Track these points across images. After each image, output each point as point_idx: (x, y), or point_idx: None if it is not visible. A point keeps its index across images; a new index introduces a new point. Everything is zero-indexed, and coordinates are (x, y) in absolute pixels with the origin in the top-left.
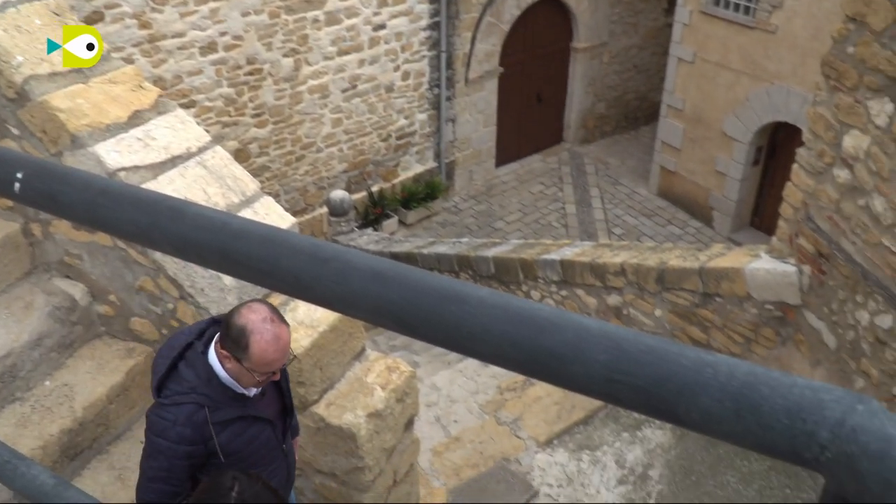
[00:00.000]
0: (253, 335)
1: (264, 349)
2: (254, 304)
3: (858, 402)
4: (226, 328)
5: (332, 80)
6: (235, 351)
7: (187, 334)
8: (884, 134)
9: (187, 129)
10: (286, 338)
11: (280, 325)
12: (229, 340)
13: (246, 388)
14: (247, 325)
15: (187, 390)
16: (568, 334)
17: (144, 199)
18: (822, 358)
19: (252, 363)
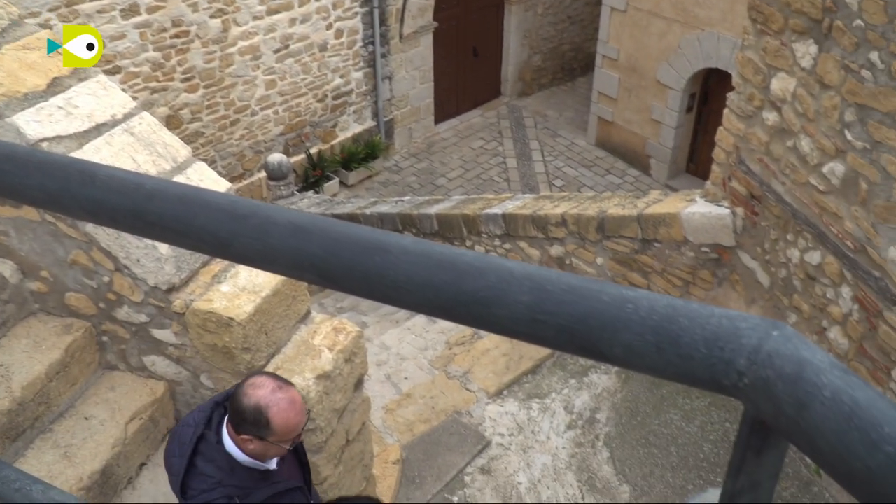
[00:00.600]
0: (270, 409)
1: (286, 418)
2: (255, 380)
3: (773, 329)
4: (238, 414)
5: (262, 40)
6: (257, 431)
7: (194, 425)
8: (809, 75)
9: (111, 96)
10: (299, 398)
11: (288, 388)
12: (247, 424)
13: (268, 462)
14: (259, 402)
15: (213, 486)
16: (490, 278)
17: (52, 163)
18: (757, 296)
19: (278, 436)
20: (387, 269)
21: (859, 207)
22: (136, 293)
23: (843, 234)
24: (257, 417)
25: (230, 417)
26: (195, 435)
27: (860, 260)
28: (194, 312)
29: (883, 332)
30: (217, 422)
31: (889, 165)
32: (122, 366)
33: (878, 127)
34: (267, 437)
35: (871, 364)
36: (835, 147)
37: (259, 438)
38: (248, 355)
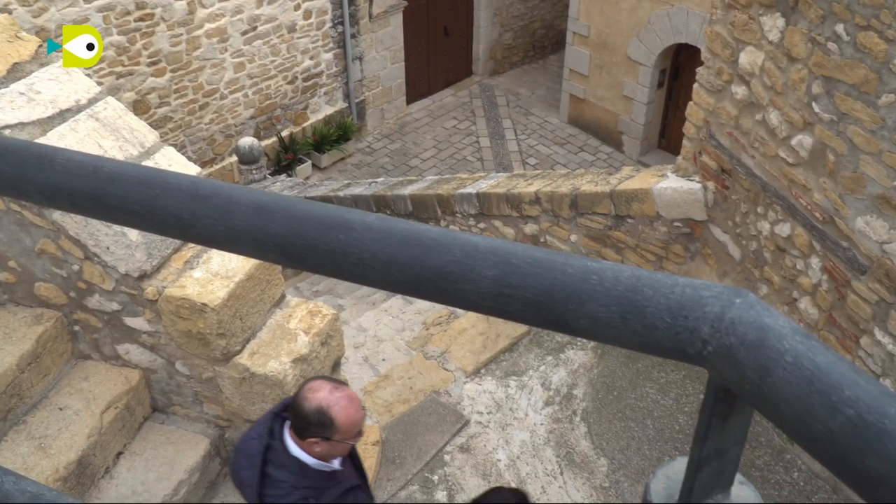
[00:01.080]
0: (332, 409)
1: (349, 415)
2: (312, 385)
3: (736, 296)
4: (302, 419)
5: (230, 22)
6: (323, 432)
7: (258, 437)
8: (776, 49)
9: (74, 81)
10: (355, 395)
11: (344, 387)
12: (312, 427)
13: (332, 463)
14: (321, 404)
15: (288, 490)
16: (455, 252)
17: (7, 147)
18: (729, 269)
19: (343, 433)
20: (351, 246)
21: (827, 179)
22: (107, 281)
23: (812, 206)
24: (321, 419)
25: (293, 425)
26: (261, 446)
27: (829, 231)
28: (167, 299)
29: (851, 302)
30: (278, 431)
31: (855, 137)
32: (96, 355)
33: (845, 99)
34: (332, 437)
35: (840, 333)
36: (803, 120)
37: (325, 439)
38: (223, 341)
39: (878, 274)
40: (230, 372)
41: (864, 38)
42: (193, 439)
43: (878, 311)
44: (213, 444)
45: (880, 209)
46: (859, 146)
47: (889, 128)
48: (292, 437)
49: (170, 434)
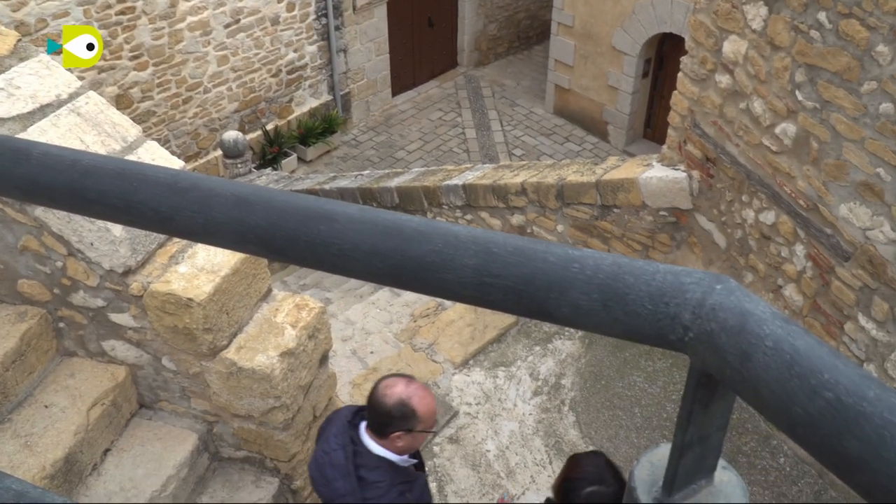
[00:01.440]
0: (412, 399)
1: (427, 403)
2: (387, 381)
3: (717, 282)
4: (384, 416)
5: (212, 15)
6: (406, 424)
7: (341, 448)
8: (760, 37)
9: (55, 75)
10: (427, 386)
11: (415, 380)
12: (395, 421)
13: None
14: (401, 396)
15: (387, 489)
16: (437, 242)
17: None
18: (715, 257)
19: (424, 422)
20: (332, 237)
21: (811, 167)
22: (92, 277)
23: (796, 194)
24: (403, 410)
25: (373, 426)
26: (348, 453)
27: (812, 218)
28: (152, 295)
29: (835, 288)
30: (357, 437)
31: (838, 124)
32: (81, 352)
33: (828, 86)
34: (415, 427)
35: (824, 319)
36: (786, 108)
37: (408, 431)
38: (209, 336)
39: (862, 260)
40: (217, 367)
41: (846, 26)
42: (181, 435)
43: (861, 297)
44: (201, 439)
45: (863, 196)
46: (842, 134)
47: (871, 115)
48: (373, 439)
49: (157, 430)
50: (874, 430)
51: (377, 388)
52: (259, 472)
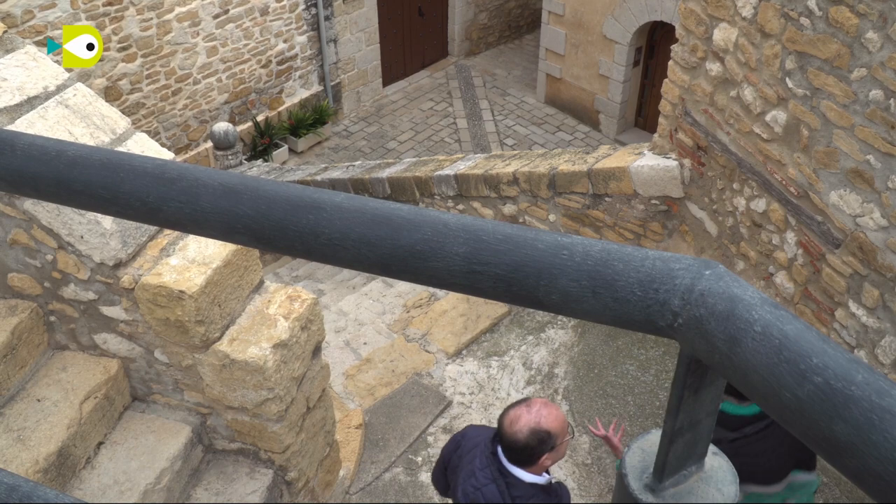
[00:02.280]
0: (541, 423)
1: (555, 417)
2: (509, 417)
3: (706, 268)
4: (525, 450)
5: (201, 5)
6: (547, 447)
7: (492, 482)
8: (750, 25)
9: (42, 67)
10: (546, 400)
11: (531, 400)
12: (537, 449)
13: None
14: (530, 426)
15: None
16: (426, 230)
17: None
18: (706, 245)
19: (560, 435)
20: (321, 226)
21: (801, 154)
22: (82, 270)
23: (787, 181)
24: (539, 437)
25: (518, 461)
26: (502, 486)
27: (803, 205)
28: (144, 287)
29: (826, 275)
30: (504, 468)
31: (828, 112)
32: (73, 345)
33: (818, 74)
34: (556, 444)
35: (815, 306)
36: (777, 95)
37: (551, 450)
38: (201, 328)
39: (852, 247)
40: (210, 359)
41: (836, 13)
42: (175, 427)
43: (852, 283)
44: (194, 431)
45: (853, 183)
46: (832, 121)
47: (861, 102)
48: (524, 469)
49: (150, 423)
50: (862, 413)
51: (504, 427)
52: (253, 463)
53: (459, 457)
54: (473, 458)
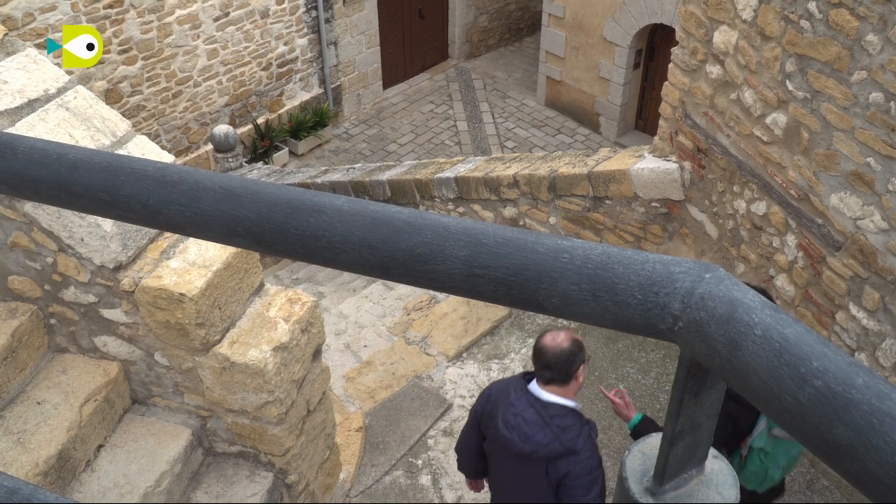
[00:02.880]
0: (573, 336)
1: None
2: (549, 337)
3: (706, 271)
4: (568, 359)
5: (201, 8)
6: (583, 356)
7: (530, 406)
8: (750, 27)
9: (43, 70)
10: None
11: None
12: (577, 357)
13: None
14: (569, 337)
15: (579, 429)
16: (426, 234)
17: None
18: (706, 248)
19: (585, 351)
20: (321, 229)
21: (801, 157)
22: (83, 273)
23: (787, 184)
24: (578, 344)
25: (557, 377)
26: (538, 409)
27: (803, 208)
28: (144, 290)
29: (826, 278)
30: (536, 398)
31: (828, 114)
32: (73, 348)
33: (818, 76)
34: (585, 356)
35: (816, 309)
36: (777, 98)
37: (582, 362)
38: (202, 331)
39: (852, 250)
40: (210, 362)
41: (836, 16)
42: (175, 430)
43: (852, 286)
44: (194, 434)
45: (854, 185)
46: (832, 123)
47: (861, 104)
48: (552, 392)
49: (150, 425)
50: (863, 417)
51: (547, 345)
52: (253, 466)
53: (494, 402)
54: (508, 395)
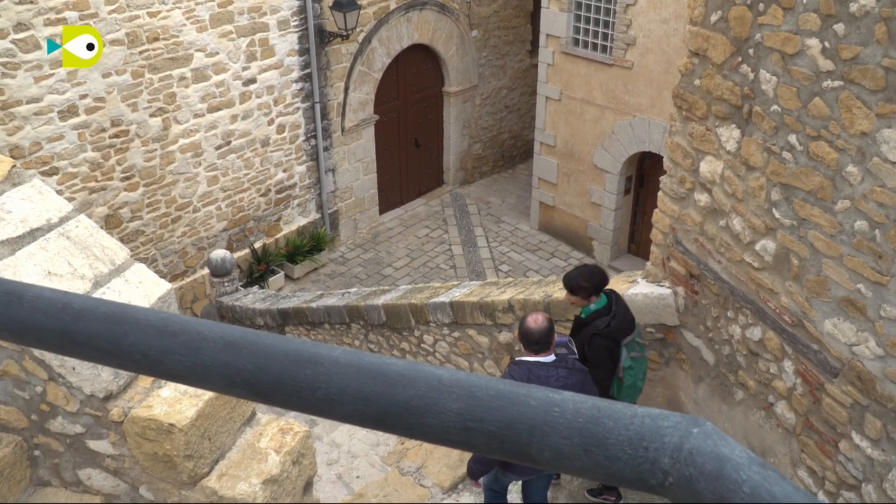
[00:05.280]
0: (548, 315)
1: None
2: (532, 319)
3: (693, 426)
4: (547, 337)
5: (204, 137)
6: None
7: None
8: (734, 158)
9: (46, 200)
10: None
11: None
12: (553, 333)
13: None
14: (544, 321)
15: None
16: (420, 386)
17: None
18: (704, 374)
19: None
20: (318, 381)
21: (793, 283)
22: (72, 403)
23: (781, 309)
24: (551, 321)
25: (544, 349)
26: (559, 367)
27: (798, 334)
28: (133, 420)
29: (827, 405)
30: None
31: (816, 241)
32: (56, 481)
33: (803, 205)
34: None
35: (818, 437)
36: (765, 225)
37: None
38: (190, 463)
39: (850, 376)
40: (197, 496)
41: (816, 148)
42: None
43: (853, 414)
44: None
45: (846, 312)
46: (821, 250)
47: (847, 232)
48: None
49: None
50: None
51: (532, 327)
52: None
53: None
54: (539, 377)
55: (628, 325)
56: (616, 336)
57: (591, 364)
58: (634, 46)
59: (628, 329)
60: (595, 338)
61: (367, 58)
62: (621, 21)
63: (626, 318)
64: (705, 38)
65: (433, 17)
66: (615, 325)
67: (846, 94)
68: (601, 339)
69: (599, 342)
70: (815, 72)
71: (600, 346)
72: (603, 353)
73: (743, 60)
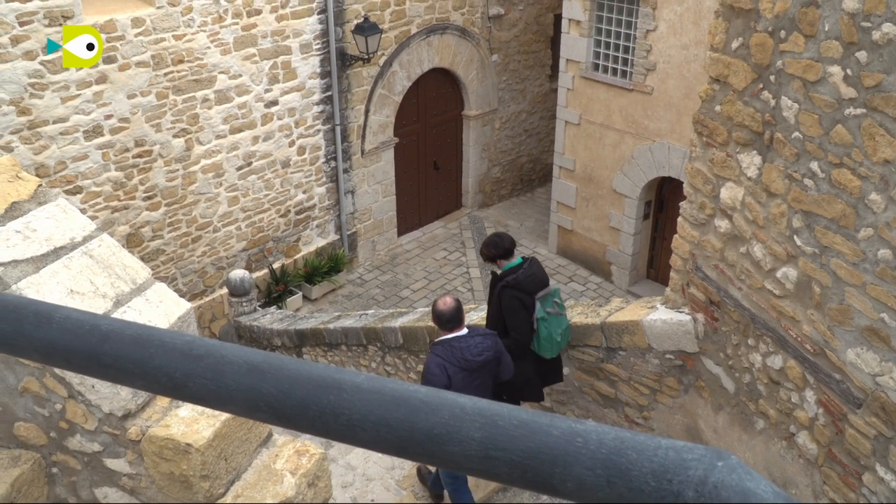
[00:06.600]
0: (455, 298)
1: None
2: (438, 303)
3: (718, 459)
4: (458, 315)
5: (225, 158)
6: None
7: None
8: (755, 184)
9: (70, 219)
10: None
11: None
12: (462, 311)
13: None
14: (452, 302)
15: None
16: (443, 414)
17: (8, 304)
18: (724, 402)
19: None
20: (341, 407)
21: (815, 311)
22: (90, 420)
23: (802, 338)
24: (459, 301)
25: (457, 326)
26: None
27: (820, 363)
28: (150, 439)
29: (850, 436)
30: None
31: (838, 270)
32: (72, 499)
33: (825, 233)
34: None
35: (841, 469)
36: (786, 252)
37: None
38: (206, 483)
39: (874, 407)
40: None
41: (839, 175)
42: None
43: (877, 445)
44: None
45: (870, 341)
46: (843, 279)
47: (870, 261)
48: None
49: None
50: None
51: (443, 309)
52: None
53: (452, 361)
54: (457, 350)
55: (539, 282)
56: (524, 288)
57: (506, 315)
58: (654, 72)
59: (539, 285)
60: (505, 289)
61: (387, 81)
62: (641, 46)
63: (537, 276)
64: (726, 64)
65: (454, 42)
66: (522, 277)
67: (869, 122)
68: (510, 289)
69: (510, 293)
70: (838, 99)
71: (511, 296)
72: (514, 304)
73: (764, 87)
